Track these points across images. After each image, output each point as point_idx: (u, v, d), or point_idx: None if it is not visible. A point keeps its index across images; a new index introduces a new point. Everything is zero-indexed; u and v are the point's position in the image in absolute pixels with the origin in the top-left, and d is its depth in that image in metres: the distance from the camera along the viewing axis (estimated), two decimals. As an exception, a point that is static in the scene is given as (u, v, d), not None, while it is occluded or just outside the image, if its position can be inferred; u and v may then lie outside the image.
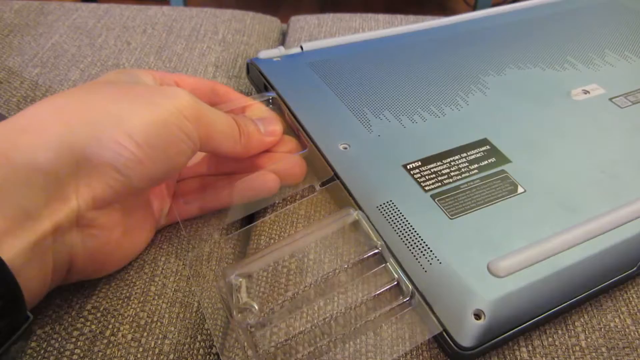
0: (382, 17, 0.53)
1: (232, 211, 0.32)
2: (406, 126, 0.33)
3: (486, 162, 0.30)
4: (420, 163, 0.30)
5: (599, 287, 0.26)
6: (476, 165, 0.30)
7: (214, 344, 0.27)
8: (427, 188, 0.28)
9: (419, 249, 0.25)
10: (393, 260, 0.26)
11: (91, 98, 0.24)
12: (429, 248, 0.25)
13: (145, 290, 0.27)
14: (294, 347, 0.25)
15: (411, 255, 0.25)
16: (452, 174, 0.29)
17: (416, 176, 0.29)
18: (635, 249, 0.27)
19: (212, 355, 0.27)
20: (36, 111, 0.23)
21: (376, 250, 0.27)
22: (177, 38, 0.48)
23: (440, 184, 0.29)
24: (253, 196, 0.31)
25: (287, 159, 0.31)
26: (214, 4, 1.48)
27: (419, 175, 0.29)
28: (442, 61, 0.39)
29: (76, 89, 0.25)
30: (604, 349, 0.25)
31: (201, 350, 0.27)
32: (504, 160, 0.30)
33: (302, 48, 0.40)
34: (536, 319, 0.25)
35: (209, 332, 0.27)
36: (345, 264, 0.28)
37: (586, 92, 0.36)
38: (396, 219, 0.27)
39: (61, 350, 0.24)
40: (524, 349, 0.25)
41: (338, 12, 0.55)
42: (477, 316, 0.23)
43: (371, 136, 0.32)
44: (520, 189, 0.28)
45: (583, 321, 0.27)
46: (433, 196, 0.28)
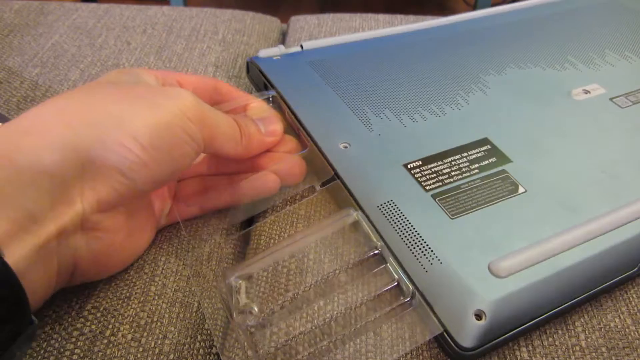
0: (382, 17, 0.53)
1: (233, 214, 0.32)
2: (407, 125, 0.33)
3: (487, 161, 0.30)
4: (420, 162, 0.30)
5: (599, 288, 0.26)
6: (477, 165, 0.30)
7: (214, 344, 0.27)
8: (427, 188, 0.28)
9: (419, 248, 0.25)
10: (393, 261, 0.26)
11: (94, 99, 0.24)
12: (429, 248, 0.25)
13: (145, 290, 0.27)
14: (294, 348, 0.25)
15: (412, 255, 0.25)
16: (453, 173, 0.29)
17: (417, 176, 0.29)
18: (636, 250, 0.27)
19: (212, 355, 0.27)
20: (39, 113, 0.23)
21: (376, 251, 0.27)
22: (177, 38, 0.47)
23: (441, 183, 0.29)
24: (253, 196, 0.31)
25: (287, 159, 0.31)
26: (214, 4, 1.48)
27: (419, 174, 0.29)
28: (443, 60, 0.39)
29: (78, 90, 0.25)
30: (604, 349, 0.25)
31: (201, 350, 0.27)
32: (505, 160, 0.30)
33: (302, 47, 0.40)
34: (537, 319, 0.25)
35: (209, 332, 0.27)
36: (346, 265, 0.28)
37: (587, 92, 0.36)
38: (397, 218, 0.27)
39: (61, 350, 0.24)
40: (524, 349, 0.25)
41: (338, 12, 0.55)
42: (478, 316, 0.23)
43: (372, 135, 0.32)
44: (521, 189, 0.28)
45: (583, 321, 0.26)
46: (434, 196, 0.28)
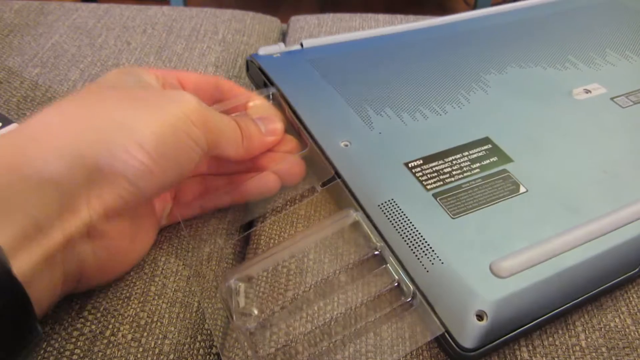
0: (382, 17, 0.53)
1: (233, 216, 0.32)
2: (408, 124, 0.32)
3: (488, 161, 0.30)
4: (422, 161, 0.30)
5: (600, 288, 0.26)
6: (478, 164, 0.30)
7: (214, 344, 0.27)
8: (428, 187, 0.28)
9: (420, 248, 0.25)
10: (394, 261, 0.26)
11: (99, 105, 0.24)
12: (430, 248, 0.25)
13: (145, 290, 0.27)
14: (294, 348, 0.25)
15: (413, 254, 0.25)
16: (454, 172, 0.29)
17: (418, 174, 0.29)
18: (637, 250, 0.27)
19: (212, 355, 0.27)
20: (44, 119, 0.22)
21: (376, 251, 0.27)
22: (177, 38, 0.47)
23: (442, 182, 0.28)
24: (254, 196, 0.31)
25: (287, 159, 0.31)
26: (214, 4, 1.48)
27: (420, 173, 0.29)
28: (444, 59, 0.39)
29: (82, 94, 0.25)
30: (604, 349, 0.25)
31: (201, 350, 0.27)
32: (506, 159, 0.30)
33: (302, 45, 0.40)
34: (538, 320, 0.25)
35: (209, 332, 0.27)
36: (346, 265, 0.28)
37: (587, 91, 0.36)
38: (398, 217, 0.27)
39: (61, 350, 0.24)
40: (524, 349, 0.25)
41: (338, 12, 0.55)
42: (479, 317, 0.23)
43: (372, 133, 0.32)
44: (522, 189, 0.28)
45: (583, 321, 0.26)
46: (435, 195, 0.28)
